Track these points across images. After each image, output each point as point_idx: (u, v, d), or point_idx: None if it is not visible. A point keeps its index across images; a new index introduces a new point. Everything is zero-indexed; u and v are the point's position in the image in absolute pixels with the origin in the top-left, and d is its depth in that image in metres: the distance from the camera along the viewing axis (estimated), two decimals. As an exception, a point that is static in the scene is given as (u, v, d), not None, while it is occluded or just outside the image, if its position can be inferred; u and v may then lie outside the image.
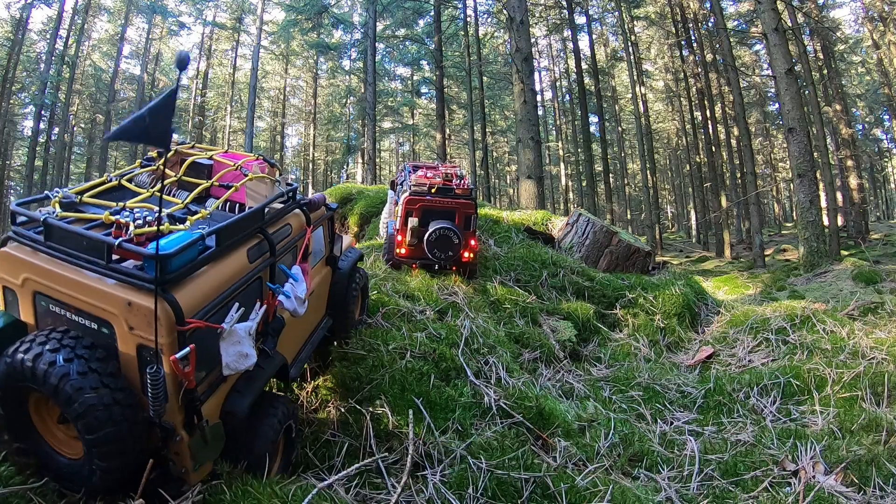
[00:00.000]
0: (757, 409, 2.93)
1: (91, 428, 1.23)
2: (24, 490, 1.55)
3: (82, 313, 1.34)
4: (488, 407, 2.64)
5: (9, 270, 1.39)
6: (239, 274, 1.61)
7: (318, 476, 2.18)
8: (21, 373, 1.25)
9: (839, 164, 21.66)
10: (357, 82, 30.27)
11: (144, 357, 1.30)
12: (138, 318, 1.27)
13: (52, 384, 1.20)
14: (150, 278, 1.27)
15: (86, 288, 1.31)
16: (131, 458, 1.32)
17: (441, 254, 3.85)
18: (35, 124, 26.84)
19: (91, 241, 1.32)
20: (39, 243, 1.39)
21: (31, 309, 1.40)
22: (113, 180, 1.75)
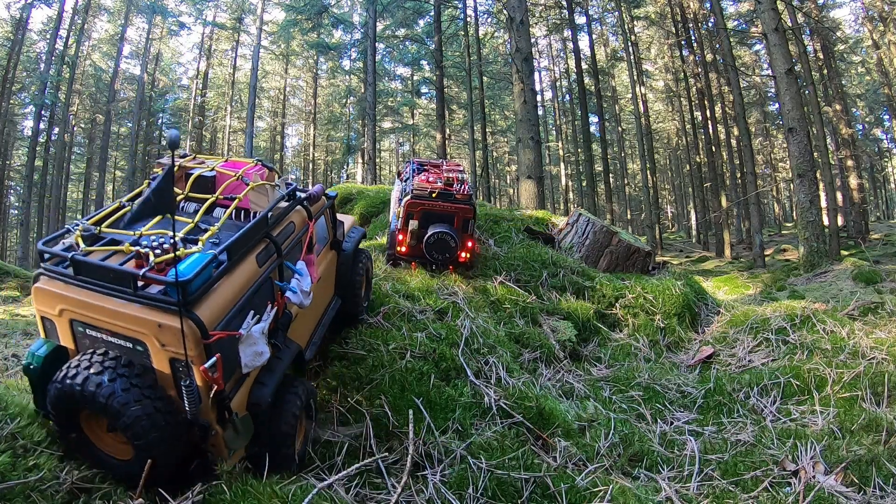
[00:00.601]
0: (757, 409, 2.93)
1: (139, 436, 1.45)
2: (23, 487, 1.56)
3: (117, 335, 1.53)
4: (488, 407, 2.64)
5: (46, 303, 1.58)
6: (251, 280, 1.77)
7: (318, 476, 2.18)
8: (72, 396, 1.45)
9: (839, 164, 21.66)
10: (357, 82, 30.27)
11: (177, 367, 1.52)
12: (168, 336, 1.47)
13: (102, 403, 1.42)
14: (175, 301, 1.45)
15: (118, 314, 1.50)
16: (175, 454, 1.56)
17: (438, 255, 4.04)
18: (35, 124, 26.85)
19: (117, 273, 1.49)
20: (70, 277, 1.55)
21: (70, 334, 1.60)
22: (126, 206, 1.86)
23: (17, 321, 5.59)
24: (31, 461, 1.67)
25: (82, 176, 35.38)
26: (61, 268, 1.59)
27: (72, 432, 1.58)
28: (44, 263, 1.62)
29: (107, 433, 1.61)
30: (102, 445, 1.62)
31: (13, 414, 1.81)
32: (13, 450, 1.68)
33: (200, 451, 1.63)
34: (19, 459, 1.66)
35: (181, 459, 1.60)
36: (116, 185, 40.94)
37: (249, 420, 1.76)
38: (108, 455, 1.61)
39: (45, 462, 1.69)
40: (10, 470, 1.61)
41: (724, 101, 22.64)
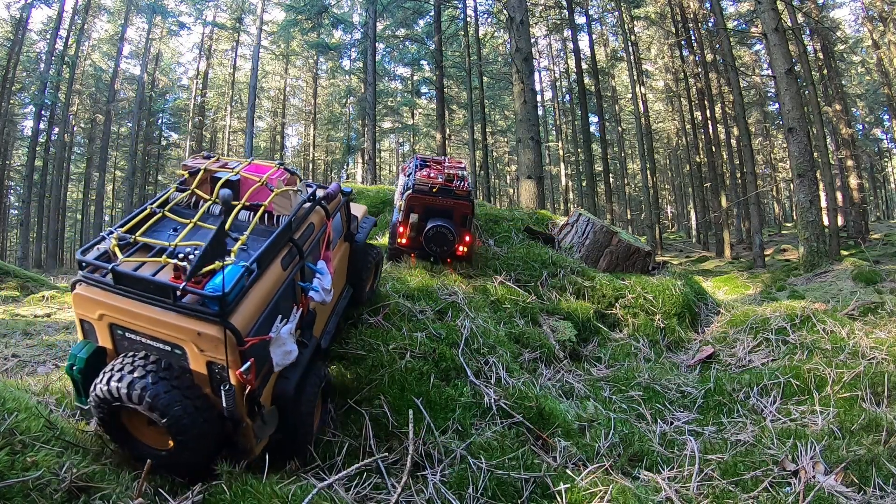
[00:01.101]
0: (757, 409, 2.93)
1: (180, 431, 1.59)
2: (23, 486, 1.56)
3: (156, 339, 1.65)
4: (488, 407, 2.64)
5: (85, 308, 1.70)
6: (277, 285, 1.90)
7: (318, 476, 2.18)
8: (118, 397, 1.58)
9: (839, 164, 21.66)
10: (357, 82, 30.27)
11: (213, 370, 1.65)
12: (207, 343, 1.59)
13: (148, 403, 1.54)
14: (214, 313, 1.58)
15: (159, 322, 1.61)
16: (210, 445, 1.71)
17: (437, 248, 4.21)
18: (35, 124, 26.85)
19: (157, 286, 1.61)
20: (109, 286, 1.66)
21: (109, 337, 1.72)
22: (157, 212, 1.96)
23: (17, 321, 5.58)
24: (29, 458, 1.66)
25: (82, 176, 35.39)
26: (100, 276, 1.70)
27: (114, 427, 1.72)
28: (82, 271, 1.72)
29: (146, 427, 1.75)
30: (142, 437, 1.76)
31: (11, 409, 1.81)
32: (11, 446, 1.68)
33: (231, 441, 1.79)
34: (18, 456, 1.66)
35: (215, 450, 1.77)
36: (116, 185, 40.93)
37: (275, 411, 1.91)
38: (149, 446, 1.75)
39: (44, 459, 1.68)
40: (9, 468, 1.61)
41: (724, 101, 22.63)
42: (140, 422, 1.74)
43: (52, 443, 1.77)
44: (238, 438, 1.78)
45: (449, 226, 4.14)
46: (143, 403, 1.56)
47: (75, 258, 1.77)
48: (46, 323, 5.60)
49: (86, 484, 1.68)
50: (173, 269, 1.68)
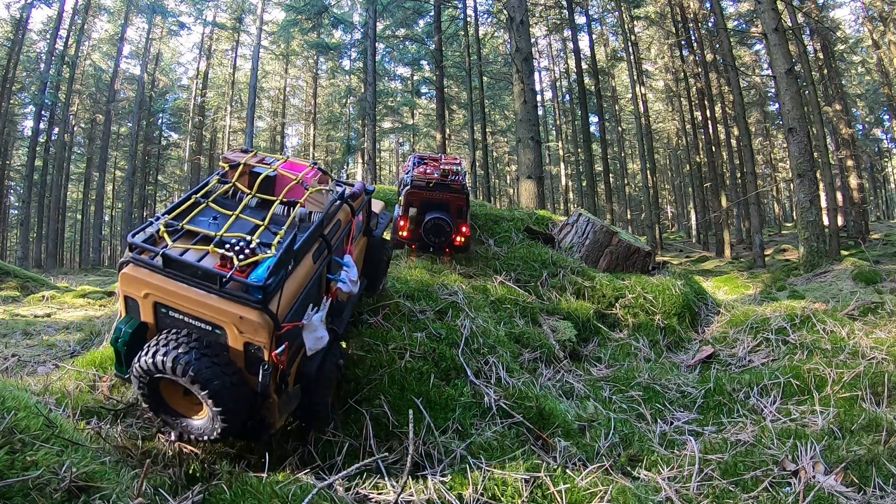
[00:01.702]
0: (757, 409, 2.93)
1: (218, 402, 1.75)
2: (22, 485, 1.56)
3: (199, 319, 1.80)
4: (488, 407, 2.64)
5: (132, 287, 1.83)
6: (309, 276, 2.06)
7: (318, 476, 2.18)
8: (161, 370, 1.73)
9: (839, 164, 21.66)
10: (357, 82, 30.26)
11: (249, 350, 1.81)
12: (246, 326, 1.76)
13: (191, 376, 1.71)
14: (255, 300, 1.75)
15: (203, 304, 1.77)
16: (242, 417, 1.86)
17: (435, 239, 4.49)
18: (35, 124, 26.86)
19: (205, 272, 1.77)
20: (157, 268, 1.81)
21: (152, 314, 1.85)
22: (201, 202, 2.11)
23: (17, 321, 5.58)
24: (29, 457, 1.66)
25: (82, 176, 35.39)
26: (148, 259, 1.84)
27: (151, 395, 1.85)
28: (131, 253, 1.87)
29: (183, 397, 1.90)
30: (178, 407, 1.91)
31: (10, 407, 1.81)
32: (10, 445, 1.68)
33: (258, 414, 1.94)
34: (17, 455, 1.66)
35: (244, 422, 1.91)
36: (116, 185, 40.94)
37: (298, 389, 2.10)
38: (184, 415, 1.91)
39: (44, 458, 1.68)
40: (9, 467, 1.61)
41: (724, 101, 22.64)
42: (176, 392, 1.89)
43: (51, 441, 1.77)
44: (264, 413, 1.93)
45: (446, 218, 4.42)
46: (185, 376, 1.72)
47: (127, 240, 1.92)
48: (46, 323, 5.61)
49: (86, 483, 1.67)
50: (220, 257, 1.84)
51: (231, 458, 2.24)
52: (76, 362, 2.80)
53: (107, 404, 2.41)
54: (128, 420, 2.36)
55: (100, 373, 2.67)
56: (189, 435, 1.91)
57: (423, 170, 4.60)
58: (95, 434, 2.07)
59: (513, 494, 2.02)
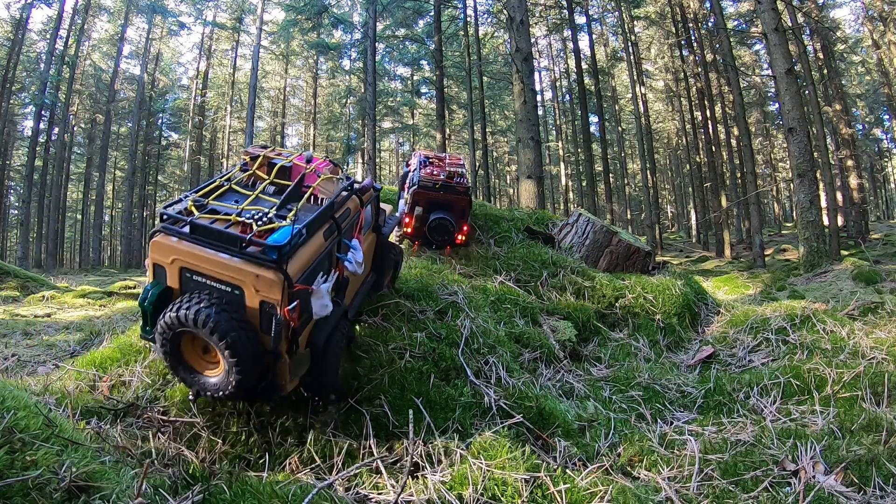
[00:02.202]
0: (757, 409, 2.93)
1: (234, 353, 1.88)
2: (22, 485, 1.56)
3: (220, 281, 1.96)
4: (488, 407, 2.64)
5: (161, 253, 2.01)
6: (319, 250, 2.23)
7: (318, 476, 2.18)
8: (185, 322, 1.88)
9: (839, 164, 21.66)
10: (357, 82, 30.26)
11: (265, 308, 1.95)
12: (263, 284, 1.92)
13: (211, 327, 1.85)
14: (272, 259, 1.92)
15: (225, 265, 1.94)
16: (256, 373, 1.98)
17: (439, 237, 4.78)
18: (35, 124, 26.85)
19: (229, 236, 1.96)
20: (184, 236, 2.00)
21: (177, 279, 2.02)
22: (225, 185, 2.32)
23: (17, 321, 5.58)
24: (29, 456, 1.66)
25: (82, 176, 35.38)
26: (177, 228, 2.03)
27: (172, 352, 1.99)
28: (162, 223, 2.05)
29: (201, 355, 2.05)
30: (195, 364, 2.05)
31: (10, 407, 1.81)
32: (10, 444, 1.68)
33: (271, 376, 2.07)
34: (17, 455, 1.66)
35: (255, 381, 2.02)
36: (116, 185, 40.93)
37: (308, 355, 2.22)
38: (201, 373, 2.05)
39: (43, 458, 1.68)
40: (9, 466, 1.60)
41: (724, 101, 22.64)
42: (195, 349, 2.04)
43: (51, 441, 1.77)
44: (276, 374, 2.06)
45: (450, 218, 4.71)
46: (206, 328, 1.86)
47: (158, 212, 2.10)
48: (46, 323, 5.61)
49: (85, 483, 1.67)
50: (240, 227, 2.02)
51: (231, 458, 2.24)
52: (76, 362, 2.80)
53: (107, 404, 2.41)
54: (128, 420, 2.36)
55: (100, 373, 2.67)
56: (205, 392, 2.04)
57: (430, 171, 4.82)
58: (95, 434, 2.07)
59: (513, 494, 2.02)
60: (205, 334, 1.88)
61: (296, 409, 2.50)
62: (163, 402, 2.51)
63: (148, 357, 2.81)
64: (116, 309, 6.47)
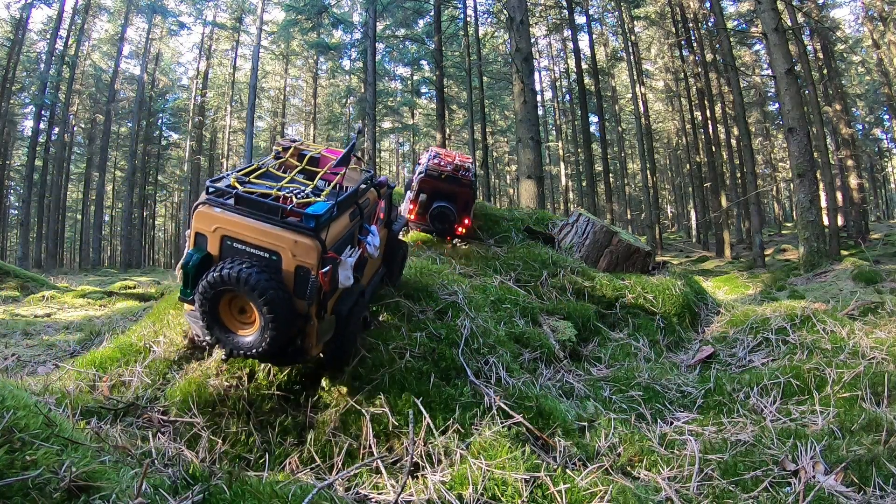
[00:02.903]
0: (757, 409, 2.93)
1: (271, 310, 2.03)
2: (22, 485, 1.56)
3: (259, 248, 2.13)
4: (488, 407, 2.64)
5: (205, 222, 2.18)
6: (346, 228, 2.44)
7: (318, 476, 2.18)
8: (227, 280, 2.03)
9: (839, 164, 21.67)
10: (357, 82, 30.25)
11: (300, 273, 2.13)
12: (300, 249, 2.10)
13: (252, 284, 2.01)
14: (310, 228, 2.11)
15: (265, 233, 2.12)
16: (288, 333, 2.13)
17: (439, 225, 4.96)
18: (35, 124, 26.84)
19: (269, 206, 2.14)
20: (228, 207, 2.17)
21: (218, 246, 2.18)
22: (262, 167, 2.53)
23: (17, 321, 5.58)
24: (28, 456, 1.66)
25: (82, 176, 35.37)
26: (221, 200, 2.21)
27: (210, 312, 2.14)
28: (207, 195, 2.23)
29: (237, 316, 2.21)
30: (230, 325, 2.20)
31: (9, 406, 1.81)
32: (10, 444, 1.68)
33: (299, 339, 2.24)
34: (17, 454, 1.66)
35: (286, 342, 2.18)
36: (116, 185, 40.93)
37: (332, 322, 2.39)
38: (236, 333, 2.19)
39: (43, 457, 1.68)
40: (9, 466, 1.60)
41: (724, 101, 22.63)
42: (232, 311, 2.20)
43: (51, 441, 1.77)
44: (304, 337, 2.23)
45: (451, 207, 4.89)
46: (247, 285, 2.02)
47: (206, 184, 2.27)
48: (46, 323, 5.61)
49: (86, 483, 1.67)
50: (281, 200, 2.20)
51: (231, 458, 2.24)
52: (76, 362, 2.80)
53: (107, 404, 2.41)
54: (128, 420, 2.36)
55: (100, 373, 2.67)
56: (239, 350, 2.18)
57: (438, 162, 5.05)
58: (95, 434, 2.07)
59: (513, 494, 2.02)
60: (245, 291, 2.04)
61: (296, 408, 2.50)
62: (163, 402, 2.51)
63: (148, 357, 2.81)
64: (116, 309, 6.47)
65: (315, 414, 2.54)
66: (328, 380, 2.69)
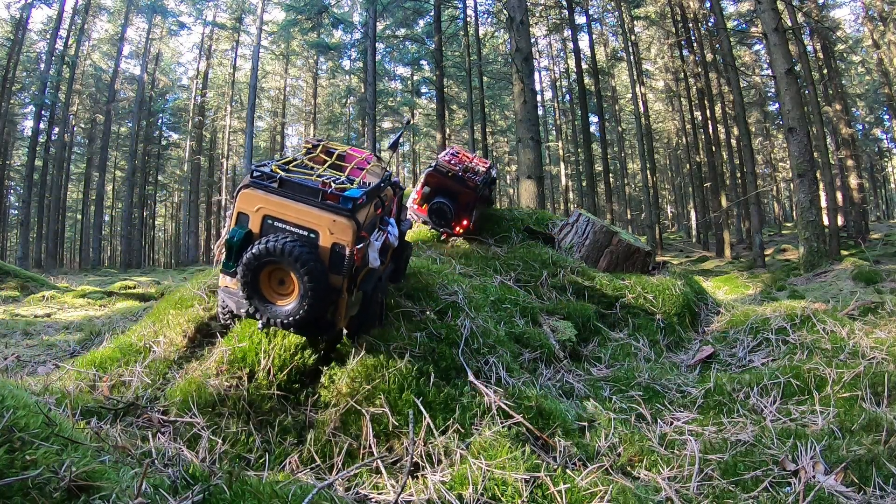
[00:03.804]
0: (757, 409, 2.92)
1: (311, 279, 2.24)
2: (22, 484, 1.56)
3: (298, 226, 2.35)
4: (488, 407, 2.64)
5: (248, 202, 2.38)
6: (371, 217, 2.62)
7: (318, 476, 2.18)
8: (271, 253, 2.23)
9: (839, 164, 21.67)
10: (357, 82, 30.25)
11: (335, 249, 2.34)
12: (338, 228, 2.32)
13: (296, 255, 2.22)
14: (347, 209, 2.32)
15: (306, 212, 2.34)
16: (323, 304, 2.33)
17: (436, 220, 5.10)
18: (35, 124, 26.83)
19: (310, 188, 2.36)
20: (271, 189, 2.37)
21: (259, 224, 2.38)
22: (298, 159, 2.74)
23: (17, 321, 5.58)
24: (28, 456, 1.66)
25: (82, 176, 35.37)
26: (264, 182, 2.39)
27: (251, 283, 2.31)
28: (252, 179, 2.42)
29: (275, 288, 2.38)
30: (269, 295, 2.38)
31: (9, 406, 1.80)
32: (10, 443, 1.67)
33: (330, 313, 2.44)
34: (17, 454, 1.66)
35: (321, 312, 2.37)
36: (116, 185, 40.92)
37: (359, 298, 2.59)
38: (274, 303, 2.37)
39: (43, 457, 1.68)
40: (8, 466, 1.60)
41: (724, 101, 22.64)
42: (271, 283, 2.38)
43: (51, 440, 1.76)
44: (335, 310, 2.43)
45: (450, 206, 5.01)
46: (291, 256, 2.22)
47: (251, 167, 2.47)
48: (46, 323, 5.61)
49: (86, 483, 1.67)
50: (320, 183, 2.41)
51: (231, 458, 2.24)
52: (76, 362, 2.80)
53: (107, 404, 2.41)
54: (127, 420, 2.36)
55: (100, 373, 2.67)
56: (276, 319, 2.36)
57: (449, 160, 5.24)
58: (95, 434, 2.07)
59: (513, 494, 2.02)
60: (289, 262, 2.24)
61: (296, 407, 2.50)
62: (163, 401, 2.51)
63: (148, 357, 2.81)
64: (116, 309, 6.47)
65: (315, 414, 2.54)
66: (327, 377, 2.69)
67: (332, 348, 2.98)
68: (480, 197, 5.12)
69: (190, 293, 3.34)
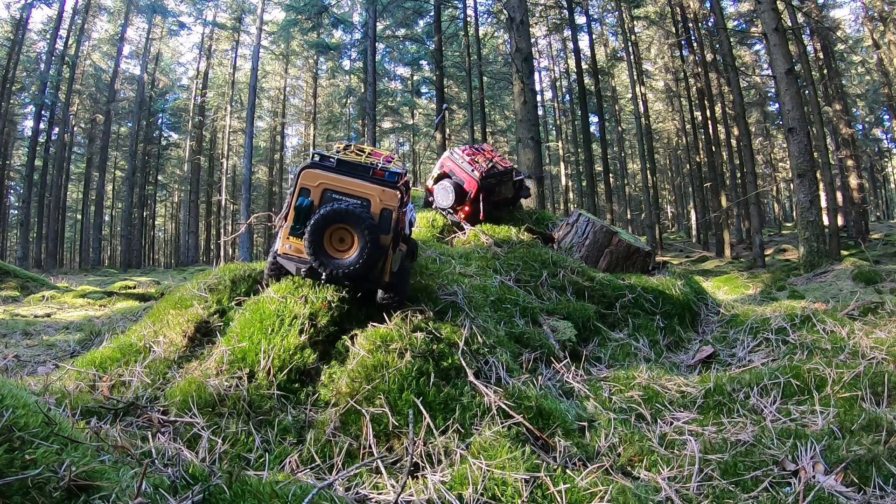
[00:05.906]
0: (757, 409, 2.92)
1: (371, 232, 2.68)
2: (21, 484, 1.55)
3: (353, 197, 2.81)
4: (488, 407, 2.64)
5: (311, 179, 2.83)
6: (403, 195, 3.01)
7: (318, 476, 2.18)
8: (338, 214, 2.68)
9: (839, 164, 21.67)
10: (357, 82, 30.26)
11: (384, 214, 2.81)
12: (387, 196, 2.81)
13: (357, 215, 2.67)
14: (392, 182, 2.83)
15: (360, 185, 2.83)
16: (376, 258, 2.76)
17: (431, 199, 5.65)
18: (35, 124, 26.83)
19: (362, 167, 2.86)
20: (329, 167, 2.85)
21: (319, 197, 2.82)
22: (340, 151, 3.10)
23: (17, 321, 5.58)
24: (28, 455, 1.66)
25: (82, 176, 35.37)
26: (321, 163, 2.86)
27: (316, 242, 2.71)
28: (311, 160, 2.87)
29: (336, 246, 2.78)
30: (331, 252, 2.78)
31: (8, 405, 1.80)
32: (10, 443, 1.67)
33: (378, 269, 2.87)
34: (16, 453, 1.66)
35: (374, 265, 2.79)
36: (116, 185, 40.93)
37: (399, 256, 2.97)
38: (335, 258, 2.76)
39: (43, 456, 1.68)
40: (8, 465, 1.60)
41: (724, 101, 22.64)
42: (332, 242, 2.78)
43: (51, 440, 1.76)
44: (382, 266, 2.87)
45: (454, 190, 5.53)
46: (354, 216, 2.66)
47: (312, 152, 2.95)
48: (46, 323, 5.61)
49: (85, 482, 1.67)
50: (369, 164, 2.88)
51: (231, 458, 2.24)
52: (76, 362, 2.80)
53: (107, 404, 2.41)
54: (127, 420, 2.36)
55: (100, 373, 2.67)
56: (338, 270, 2.74)
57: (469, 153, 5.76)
58: (95, 433, 2.07)
59: (513, 494, 2.02)
60: (353, 220, 2.67)
61: (295, 407, 2.50)
62: (163, 401, 2.51)
63: (148, 357, 2.81)
64: (116, 309, 6.47)
65: (315, 413, 2.54)
66: (327, 377, 2.69)
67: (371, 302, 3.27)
68: (487, 189, 5.56)
69: (190, 293, 3.34)
